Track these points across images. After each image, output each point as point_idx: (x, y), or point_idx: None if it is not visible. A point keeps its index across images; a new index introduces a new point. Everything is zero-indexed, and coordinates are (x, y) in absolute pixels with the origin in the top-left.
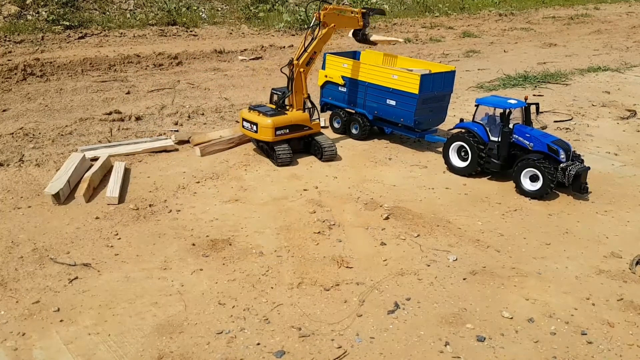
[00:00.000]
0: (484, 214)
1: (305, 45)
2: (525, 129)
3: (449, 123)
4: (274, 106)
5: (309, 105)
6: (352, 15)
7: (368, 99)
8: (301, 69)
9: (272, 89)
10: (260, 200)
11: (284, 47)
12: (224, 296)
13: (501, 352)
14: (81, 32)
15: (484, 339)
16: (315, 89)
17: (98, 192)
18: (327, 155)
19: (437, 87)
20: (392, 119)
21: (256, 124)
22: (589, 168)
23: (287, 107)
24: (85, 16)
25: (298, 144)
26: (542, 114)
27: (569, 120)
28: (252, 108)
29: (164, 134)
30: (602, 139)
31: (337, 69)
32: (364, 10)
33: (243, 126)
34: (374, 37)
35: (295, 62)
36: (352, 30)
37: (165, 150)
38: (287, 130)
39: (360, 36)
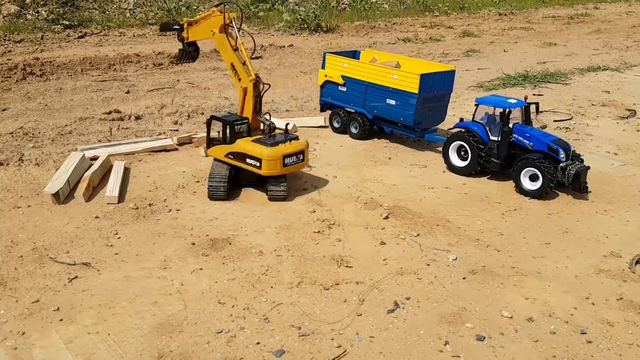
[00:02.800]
0: (484, 213)
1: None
2: (525, 129)
3: (448, 122)
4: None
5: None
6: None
7: (368, 99)
8: (243, 86)
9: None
10: (260, 200)
11: (284, 46)
12: (223, 295)
13: (501, 351)
14: (81, 32)
15: (484, 338)
16: (315, 89)
17: (98, 191)
18: (271, 197)
19: (437, 86)
20: (392, 119)
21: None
22: (588, 167)
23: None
24: (85, 15)
25: (252, 176)
26: (542, 113)
27: (569, 119)
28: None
29: (164, 133)
30: (601, 139)
31: (337, 69)
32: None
33: None
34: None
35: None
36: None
37: (165, 149)
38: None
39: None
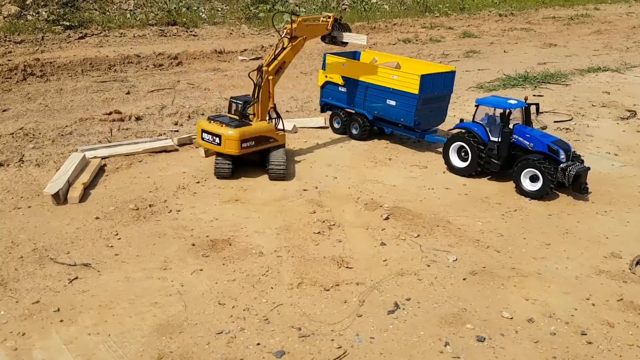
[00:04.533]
0: (484, 214)
1: (276, 54)
2: (525, 129)
3: (449, 123)
4: (235, 116)
5: (274, 115)
6: (322, 22)
7: (368, 99)
8: (270, 77)
9: (231, 97)
10: (260, 201)
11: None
12: (224, 296)
13: (501, 352)
14: (81, 32)
15: (484, 339)
16: (316, 90)
17: (94, 192)
18: (272, 175)
19: (437, 87)
20: (392, 119)
21: (219, 136)
22: (589, 168)
23: (251, 117)
24: (85, 16)
25: (254, 155)
26: (542, 114)
27: (569, 120)
28: (211, 118)
29: (164, 134)
30: (602, 139)
31: (337, 69)
32: (337, 17)
33: (203, 138)
34: (345, 38)
35: (264, 68)
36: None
37: (165, 150)
38: (253, 143)
39: (328, 40)
